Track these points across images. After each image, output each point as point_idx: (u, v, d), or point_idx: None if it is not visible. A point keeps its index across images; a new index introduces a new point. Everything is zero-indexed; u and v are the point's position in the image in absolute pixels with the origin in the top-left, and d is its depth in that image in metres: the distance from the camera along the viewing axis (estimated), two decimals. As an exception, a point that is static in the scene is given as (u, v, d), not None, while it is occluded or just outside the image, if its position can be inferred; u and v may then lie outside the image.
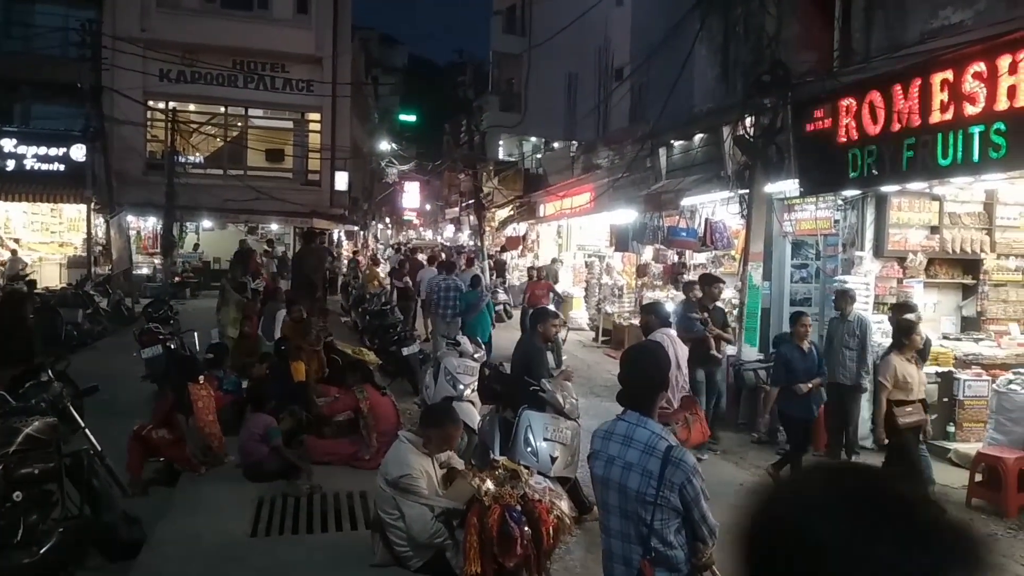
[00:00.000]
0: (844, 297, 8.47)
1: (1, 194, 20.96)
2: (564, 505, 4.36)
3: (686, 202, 13.31)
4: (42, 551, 4.54)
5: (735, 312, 11.33)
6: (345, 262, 26.53)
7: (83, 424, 5.33)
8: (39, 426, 4.78)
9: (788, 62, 10.31)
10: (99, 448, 5.32)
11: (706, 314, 8.77)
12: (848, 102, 8.90)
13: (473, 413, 7.52)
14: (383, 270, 20.64)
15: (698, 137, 13.93)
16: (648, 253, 15.53)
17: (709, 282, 9.40)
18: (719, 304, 9.59)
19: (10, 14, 22.50)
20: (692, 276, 13.34)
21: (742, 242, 11.21)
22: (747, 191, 10.60)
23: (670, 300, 13.25)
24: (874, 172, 8.58)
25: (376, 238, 45.32)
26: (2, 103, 22.59)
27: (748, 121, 10.56)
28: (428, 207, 53.25)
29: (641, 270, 15.32)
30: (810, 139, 9.72)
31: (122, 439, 6.66)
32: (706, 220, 12.65)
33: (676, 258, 14.30)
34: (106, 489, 5.21)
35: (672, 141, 14.96)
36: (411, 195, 48.21)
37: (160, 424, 6.69)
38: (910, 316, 7.61)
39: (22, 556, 4.45)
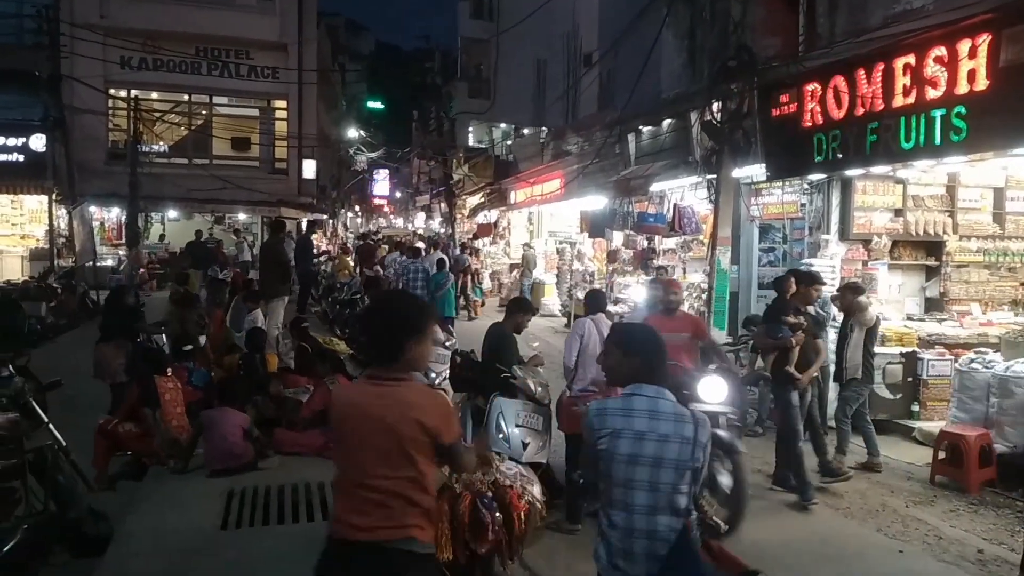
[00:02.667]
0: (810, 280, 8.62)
1: (-42, 185, 20.45)
2: (536, 490, 4.37)
3: (655, 188, 13.38)
4: (6, 548, 4.46)
5: (704, 296, 11.45)
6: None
7: (47, 419, 5.24)
8: (0, 422, 4.69)
9: (754, 47, 10.39)
10: (64, 443, 5.24)
11: (802, 318, 7.05)
12: (813, 87, 8.99)
13: None
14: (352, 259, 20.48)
15: (666, 123, 13.99)
16: (618, 239, 15.60)
17: (808, 281, 7.41)
18: (819, 309, 8.10)
19: (-37, 0, 21.85)
20: (661, 261, 13.46)
21: (710, 227, 11.30)
22: (715, 176, 10.69)
23: (640, 285, 13.35)
24: (839, 156, 8.69)
25: (346, 226, 44.99)
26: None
27: (715, 106, 10.63)
28: (399, 195, 52.95)
29: (611, 256, 15.41)
30: (776, 124, 9.80)
31: (88, 434, 6.58)
32: (675, 205, 12.74)
33: (646, 243, 14.38)
34: (71, 485, 5.14)
35: (640, 127, 15.01)
36: (381, 183, 47.90)
37: (126, 418, 6.60)
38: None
39: (-14, 554, 4.37)
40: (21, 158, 21.17)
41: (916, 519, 6.37)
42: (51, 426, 5.25)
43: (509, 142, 28.45)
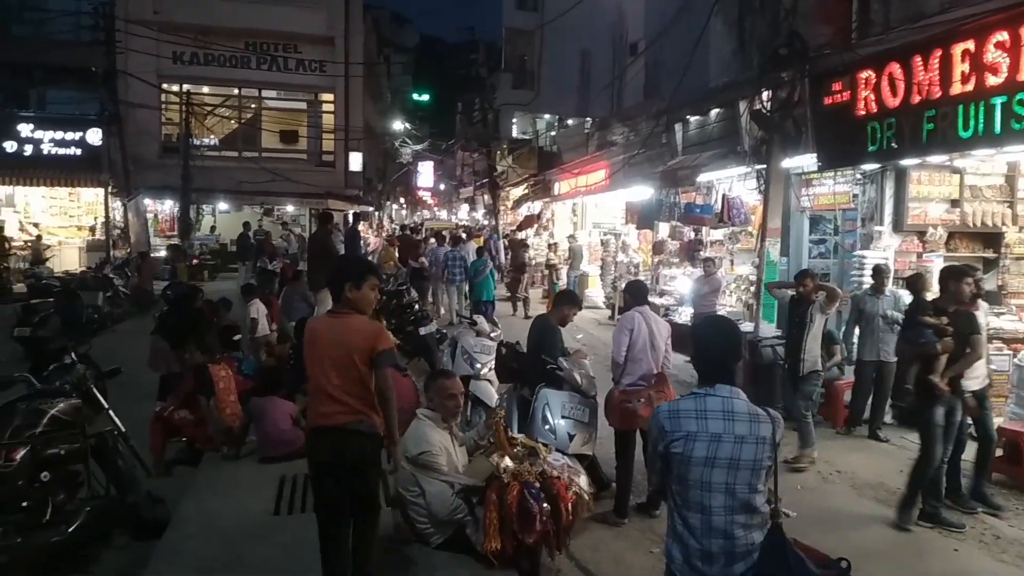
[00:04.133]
0: (882, 273, 8.48)
1: (20, 179, 21.16)
2: (583, 482, 4.38)
3: (702, 178, 13.22)
4: (70, 530, 4.63)
5: (752, 289, 11.29)
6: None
7: (106, 405, 5.40)
8: (64, 408, 4.86)
9: (805, 35, 10.14)
10: (123, 429, 5.40)
11: (944, 320, 6.00)
12: (867, 74, 8.77)
13: (490, 391, 7.56)
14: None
15: (714, 112, 13.79)
16: (664, 230, 15.45)
17: (954, 276, 6.20)
18: (973, 310, 6.42)
19: (23, -1, 22.56)
20: (709, 252, 13.29)
21: (759, 218, 11.12)
22: (764, 166, 10.50)
23: (687, 277, 13.22)
24: (893, 145, 8.47)
25: (391, 218, 45.37)
26: (17, 88, 22.70)
27: (765, 95, 10.42)
28: (442, 187, 53.17)
29: (657, 247, 15.25)
30: (828, 112, 9.60)
31: (145, 420, 6.80)
32: (723, 196, 12.55)
33: (692, 235, 14.21)
34: (130, 469, 5.30)
35: (688, 116, 14.83)
36: (425, 175, 48.15)
37: (182, 405, 6.79)
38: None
39: (50, 535, 4.54)
40: (78, 152, 21.81)
41: (972, 517, 6.21)
42: (111, 412, 5.41)
43: (553, 133, 28.34)
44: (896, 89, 8.30)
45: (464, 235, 20.25)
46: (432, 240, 21.79)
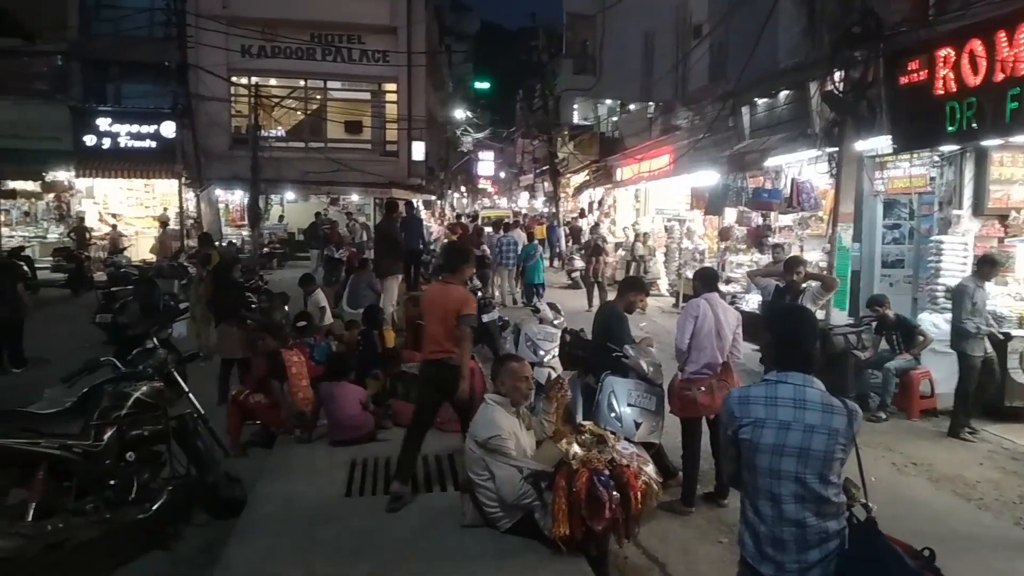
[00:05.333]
0: (994, 263, 8.00)
1: (99, 171, 22.04)
2: (651, 470, 4.35)
3: (771, 162, 12.93)
4: (154, 508, 4.82)
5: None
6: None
7: (187, 389, 5.58)
8: (147, 390, 5.04)
9: (880, 11, 9.79)
10: (202, 411, 5.58)
11: None
12: (946, 52, 8.44)
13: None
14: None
15: (783, 94, 13.46)
16: (731, 216, 15.17)
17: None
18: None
19: (100, -3, 23.40)
20: (777, 238, 13.00)
21: (830, 202, 10.84)
22: (836, 149, 10.21)
23: (754, 263, 12.95)
24: (974, 125, 8.15)
25: (452, 207, 45.69)
26: (95, 84, 23.58)
27: (837, 76, 10.12)
28: (503, 175, 53.29)
29: (724, 233, 14.98)
30: (904, 93, 9.28)
31: (211, 403, 7.04)
32: (792, 180, 12.25)
33: (760, 220, 13.91)
34: (209, 450, 5.47)
35: (755, 99, 14.50)
36: (486, 163, 48.34)
37: (256, 389, 6.99)
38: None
39: (136, 512, 4.73)
40: (153, 144, 22.59)
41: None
42: (191, 395, 5.59)
43: (615, 118, 28.05)
44: (977, 67, 7.97)
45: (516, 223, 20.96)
46: (489, 229, 21.97)
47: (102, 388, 4.93)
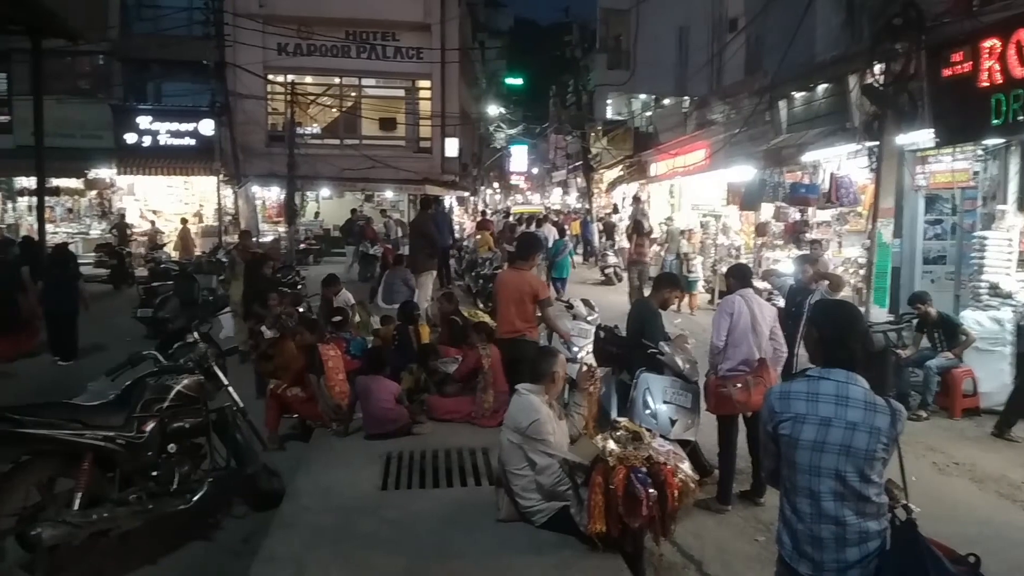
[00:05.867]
0: None
1: (140, 169, 22.48)
2: (687, 468, 4.31)
3: (808, 157, 12.76)
4: (194, 499, 4.91)
5: (861, 272, 10.84)
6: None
7: (226, 382, 5.67)
8: (188, 384, 5.14)
9: (921, 3, 9.60)
10: (241, 404, 5.67)
11: None
12: (991, 43, 8.25)
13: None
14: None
15: (821, 88, 13.26)
16: (767, 211, 14.99)
17: None
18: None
19: (141, -3, 23.83)
20: (815, 234, 12.82)
21: (870, 197, 10.67)
22: (876, 143, 10.04)
23: (791, 259, 12.78)
24: (1020, 118, 7.95)
25: (485, 203, 45.74)
26: (136, 82, 24.04)
27: (877, 68, 9.95)
28: (535, 170, 53.20)
29: (760, 229, 14.80)
30: (947, 85, 9.08)
31: (249, 397, 7.15)
32: (831, 175, 12.07)
33: (798, 216, 13.73)
34: (249, 443, 5.57)
35: (792, 93, 14.31)
36: (518, 159, 48.29)
37: (294, 383, 7.09)
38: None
39: (177, 503, 4.83)
40: (192, 142, 22.98)
41: None
42: (230, 388, 5.68)
43: (649, 113, 27.84)
44: (1025, 58, 7.77)
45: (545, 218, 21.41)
46: (524, 224, 21.97)
47: (145, 381, 5.04)
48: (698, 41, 21.28)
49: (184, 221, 22.25)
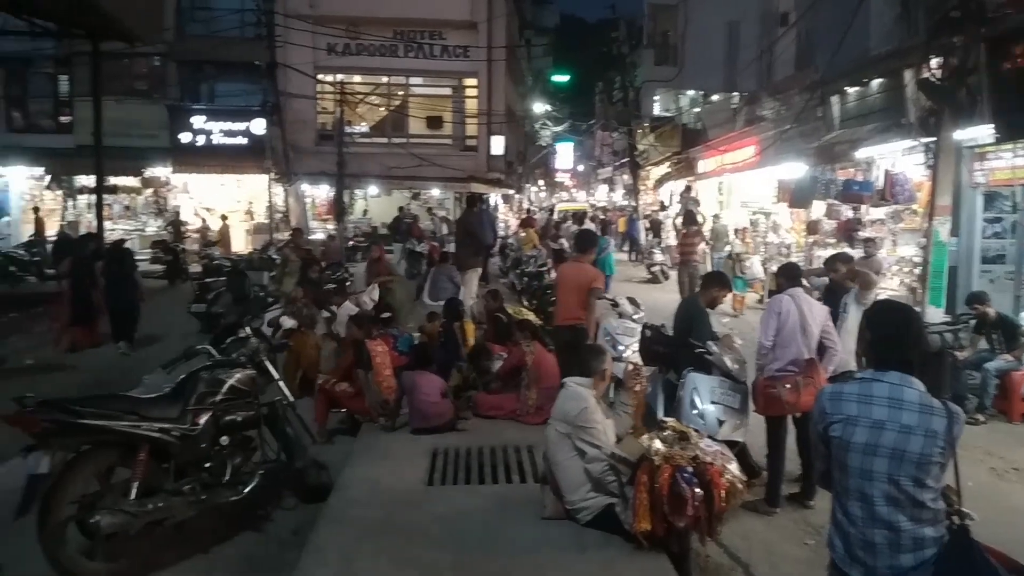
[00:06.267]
0: None
1: (193, 167, 23.03)
2: (735, 469, 4.27)
3: (862, 153, 12.48)
4: (246, 490, 5.02)
5: (916, 271, 10.57)
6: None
7: (277, 376, 5.78)
8: (241, 378, 5.25)
9: (981, -6, 9.32)
10: (291, 399, 5.77)
11: None
12: (1057, 35, 7.95)
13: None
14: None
15: (876, 83, 12.96)
16: (819, 209, 14.70)
17: None
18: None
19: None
20: (868, 232, 12.54)
21: (926, 195, 10.39)
22: (933, 139, 9.78)
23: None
24: (1087, 112, 7.65)
25: (530, 201, 45.72)
26: (190, 83, 24.62)
27: (934, 62, 9.68)
28: (581, 168, 52.98)
29: (812, 227, 14.52)
30: (1008, 78, 8.83)
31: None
32: (885, 172, 11.78)
33: (851, 213, 13.43)
34: (298, 437, 5.67)
35: (845, 88, 14.00)
36: (564, 156, 48.13)
37: (342, 378, 7.19)
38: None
39: (229, 494, 4.94)
40: (244, 141, 23.43)
41: None
42: (280, 383, 5.79)
43: (697, 109, 27.54)
44: (1092, 50, 7.48)
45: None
46: (569, 221, 21.94)
47: (199, 375, 5.15)
48: (748, 36, 20.97)
49: (224, 218, 22.70)
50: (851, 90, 13.95)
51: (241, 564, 4.79)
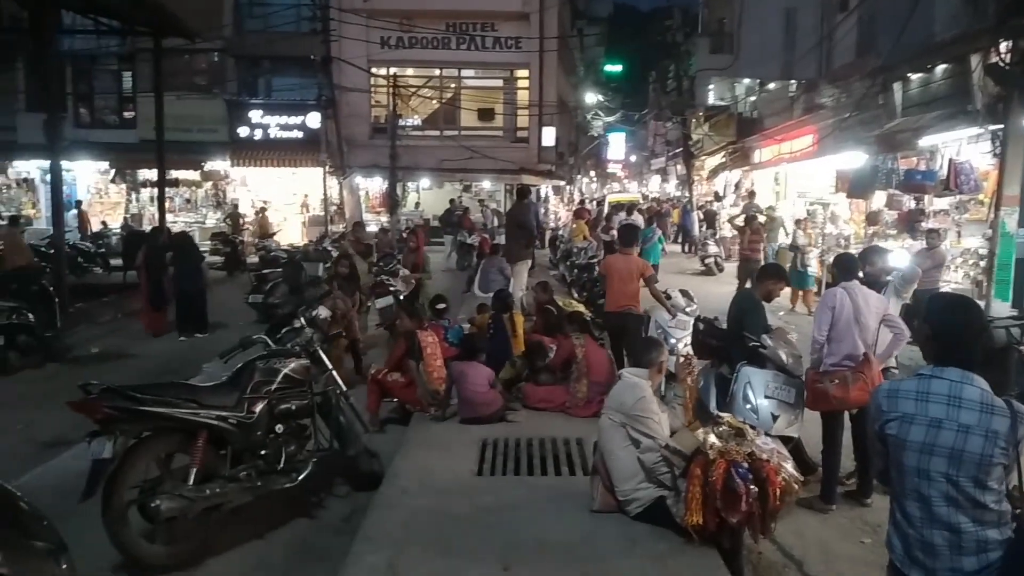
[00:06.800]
0: None
1: (251, 160, 23.52)
2: (791, 467, 4.18)
3: (925, 141, 12.10)
4: (299, 478, 5.12)
5: (982, 263, 10.20)
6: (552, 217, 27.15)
7: (330, 366, 5.87)
8: (295, 367, 5.34)
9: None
10: (344, 388, 5.86)
11: None
12: None
13: None
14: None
15: (940, 68, 12.53)
16: (880, 199, 14.29)
17: None
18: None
19: (252, -5, 24.88)
20: (931, 223, 12.15)
21: (993, 185, 10.01)
22: (1000, 127, 9.41)
23: (905, 250, 12.16)
24: None
25: (581, 192, 45.50)
26: (248, 78, 25.14)
27: (1003, 46, 9.30)
28: (633, 158, 52.49)
29: (872, 218, 14.12)
30: (1085, 62, 8.40)
31: (361, 381, 7.39)
32: (950, 161, 11.38)
33: (913, 204, 13.02)
34: (350, 425, 5.75)
35: (908, 74, 13.56)
36: (615, 146, 47.72)
37: (394, 368, 7.27)
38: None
39: (284, 481, 5.04)
40: (300, 135, 23.86)
41: None
42: (334, 372, 5.88)
43: (753, 98, 27.00)
44: None
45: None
46: (622, 213, 21.75)
47: (255, 364, 5.26)
48: (806, 22, 20.47)
49: (262, 210, 23.04)
50: (914, 76, 13.52)
51: (294, 550, 4.88)
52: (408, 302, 9.62)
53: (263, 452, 5.01)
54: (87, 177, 24.87)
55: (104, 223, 22.90)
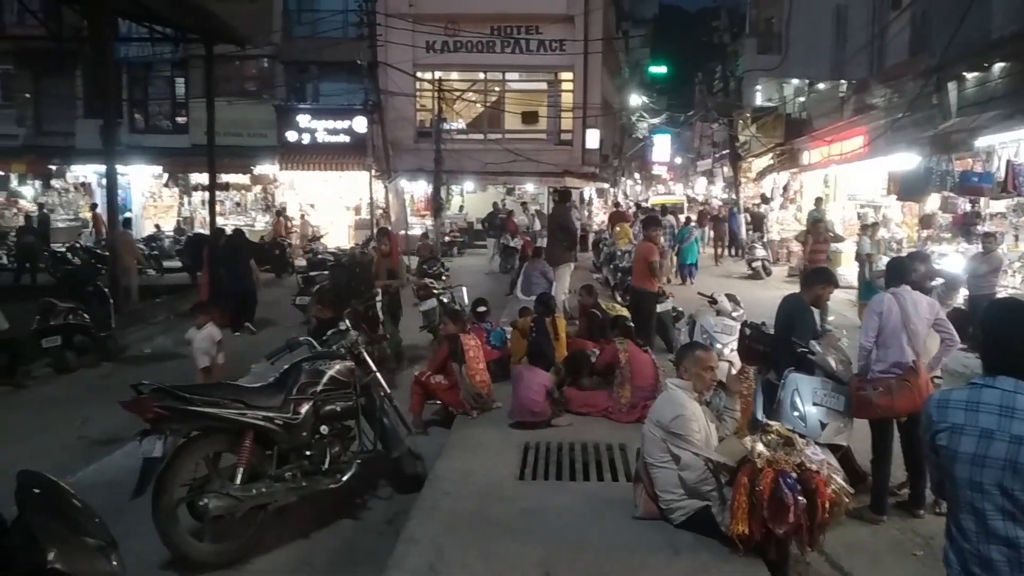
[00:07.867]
0: None
1: (299, 164, 23.92)
2: (841, 479, 4.07)
3: (981, 142, 11.75)
4: (344, 479, 5.17)
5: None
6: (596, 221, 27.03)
7: (375, 368, 5.92)
8: (340, 369, 5.41)
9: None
10: (388, 390, 5.91)
11: None
12: None
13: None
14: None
15: (998, 67, 12.16)
16: (933, 202, 13.91)
17: None
18: None
19: (300, 2, 25.28)
20: (988, 227, 11.78)
21: (1055, 186, 9.65)
22: (1063, 126, 9.07)
23: (960, 254, 11.81)
24: None
25: (626, 195, 45.22)
26: (296, 83, 25.58)
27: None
28: (678, 160, 51.99)
29: (925, 221, 13.75)
30: None
31: (405, 383, 7.47)
32: (1008, 162, 11.03)
33: (968, 207, 12.65)
34: (394, 428, 5.80)
35: (964, 73, 13.18)
36: (660, 148, 47.30)
37: (437, 371, 7.31)
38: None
39: (328, 482, 5.10)
40: (347, 139, 24.20)
41: None
42: (378, 374, 5.93)
43: (802, 99, 26.53)
44: None
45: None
46: (670, 216, 21.57)
47: (300, 366, 5.33)
48: (857, 20, 20.07)
49: (280, 212, 23.31)
50: (970, 75, 13.14)
51: (338, 550, 4.93)
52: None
53: (308, 453, 5.07)
54: (141, 181, 25.53)
55: (157, 226, 23.51)
